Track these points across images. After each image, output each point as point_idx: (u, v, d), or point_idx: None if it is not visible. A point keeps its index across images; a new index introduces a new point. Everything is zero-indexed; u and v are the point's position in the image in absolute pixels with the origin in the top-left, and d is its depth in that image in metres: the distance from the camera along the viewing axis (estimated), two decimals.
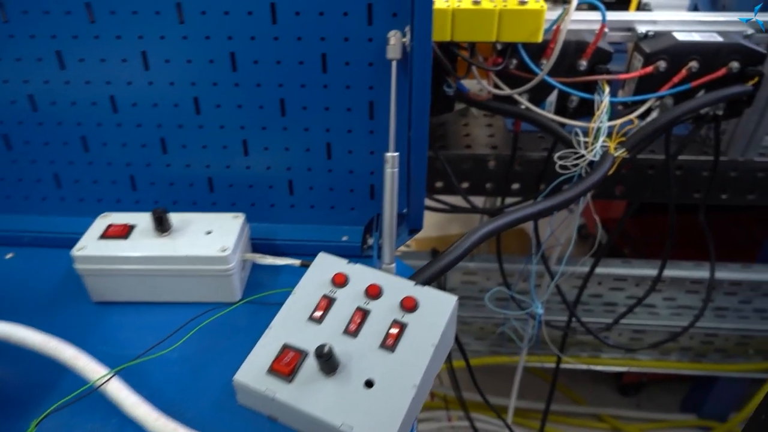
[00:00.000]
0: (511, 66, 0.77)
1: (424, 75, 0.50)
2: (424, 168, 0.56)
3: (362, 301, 0.47)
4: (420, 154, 0.55)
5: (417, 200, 0.59)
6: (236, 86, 0.56)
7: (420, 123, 0.53)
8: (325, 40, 0.53)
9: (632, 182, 0.97)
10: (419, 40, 0.49)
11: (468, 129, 1.03)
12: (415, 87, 0.51)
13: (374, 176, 0.60)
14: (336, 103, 0.56)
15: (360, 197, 0.61)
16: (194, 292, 0.54)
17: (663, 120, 0.74)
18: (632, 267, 1.08)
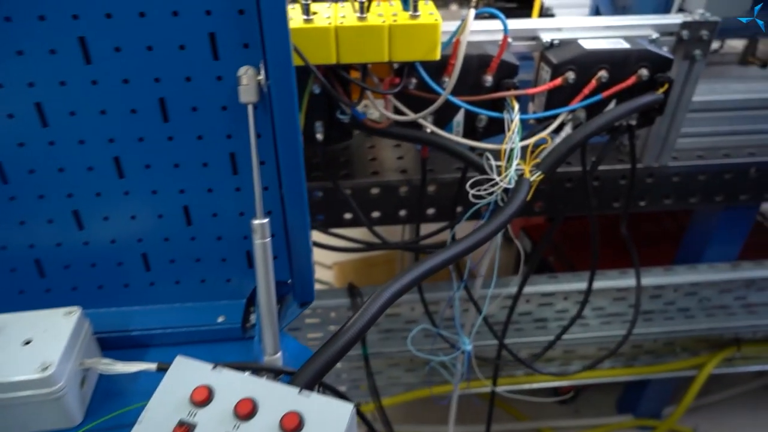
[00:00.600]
0: (410, 86, 0.68)
1: (289, 119, 0.40)
2: (306, 228, 0.46)
3: (231, 425, 0.36)
4: (298, 213, 0.45)
5: (302, 267, 0.48)
6: (51, 145, 0.43)
7: (292, 176, 0.43)
8: (161, 82, 0.41)
9: (551, 197, 0.92)
10: (277, 77, 0.38)
11: (375, 152, 0.94)
12: (281, 135, 0.40)
13: (249, 241, 0.49)
14: (187, 158, 0.44)
15: (236, 266, 0.50)
16: (17, 425, 0.41)
17: (577, 137, 0.68)
18: (559, 282, 1.04)
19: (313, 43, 0.60)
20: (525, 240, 1.42)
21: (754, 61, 1.06)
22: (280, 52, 0.37)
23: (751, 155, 0.92)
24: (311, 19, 0.60)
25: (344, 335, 0.45)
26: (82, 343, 0.44)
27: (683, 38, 0.76)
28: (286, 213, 0.44)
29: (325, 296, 1.02)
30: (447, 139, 0.70)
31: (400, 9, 0.63)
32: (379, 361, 1.12)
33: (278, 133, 0.40)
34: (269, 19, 0.35)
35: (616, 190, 0.92)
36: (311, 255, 0.48)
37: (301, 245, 0.46)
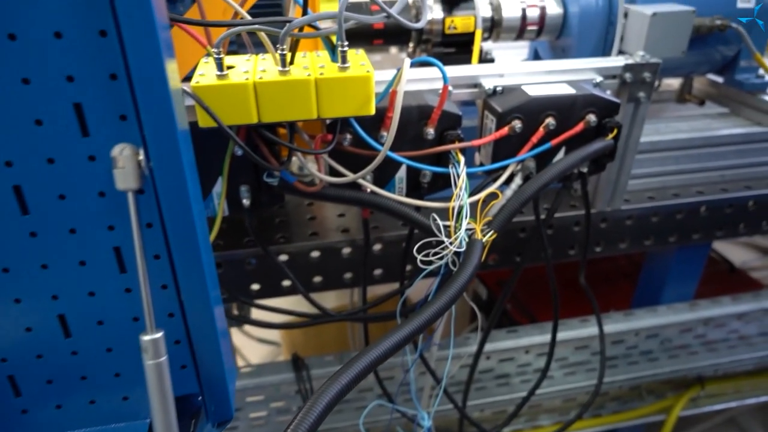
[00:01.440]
0: (345, 143, 0.61)
1: (180, 204, 0.31)
2: (215, 332, 0.37)
3: None
4: (202, 314, 0.36)
5: (214, 380, 0.39)
6: None
7: (191, 272, 0.34)
8: (14, 166, 0.32)
9: (504, 249, 0.86)
10: (160, 154, 0.30)
11: (314, 210, 0.86)
12: (171, 223, 0.32)
13: None
14: (58, 257, 0.35)
15: (132, 381, 0.40)
16: None
17: (529, 191, 0.63)
18: (520, 336, 0.98)
19: (229, 101, 0.52)
20: (480, 287, 1.36)
21: (691, 99, 1.07)
22: (160, 122, 0.29)
23: (699, 194, 0.90)
24: (226, 75, 0.52)
25: None
26: None
27: (626, 81, 0.73)
28: (187, 316, 0.35)
29: (267, 371, 0.92)
30: (389, 199, 0.63)
31: (328, 60, 0.57)
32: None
33: (168, 221, 0.32)
34: (141, 81, 0.27)
35: (571, 237, 0.87)
36: (225, 365, 0.39)
37: (210, 354, 0.37)
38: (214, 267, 0.38)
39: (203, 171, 0.62)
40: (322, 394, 0.43)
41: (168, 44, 0.31)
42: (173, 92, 0.31)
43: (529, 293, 1.27)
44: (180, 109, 0.33)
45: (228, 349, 0.40)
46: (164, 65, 0.28)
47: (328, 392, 0.43)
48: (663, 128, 0.92)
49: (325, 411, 0.42)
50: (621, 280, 1.33)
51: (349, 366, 0.46)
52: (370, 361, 0.47)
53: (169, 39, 0.32)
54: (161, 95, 0.28)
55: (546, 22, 0.90)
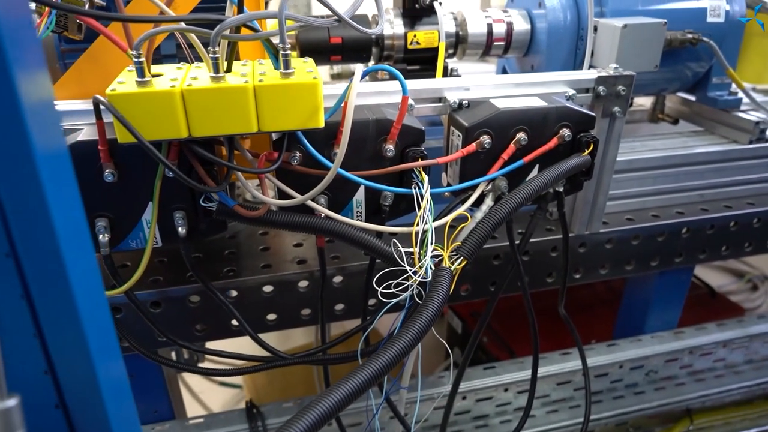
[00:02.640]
0: (293, 161, 0.54)
1: (36, 225, 0.23)
2: (97, 392, 0.29)
3: None
4: (80, 373, 0.27)
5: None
6: None
7: (58, 311, 0.26)
8: None
9: (477, 278, 0.79)
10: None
11: (267, 240, 0.78)
12: (23, 251, 0.24)
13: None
14: None
15: None
16: None
17: (501, 212, 0.56)
18: (497, 373, 0.90)
19: (153, 112, 0.45)
20: (454, 319, 1.28)
21: (664, 118, 1.04)
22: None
23: (679, 214, 0.86)
24: (148, 82, 0.45)
25: None
26: None
27: (600, 94, 0.68)
28: (57, 373, 0.27)
29: (219, 423, 0.81)
30: (344, 224, 0.56)
31: (271, 68, 0.50)
32: None
33: (20, 250, 0.24)
34: None
35: (549, 264, 0.81)
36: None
37: (93, 424, 0.29)
38: (107, 309, 0.30)
39: (131, 195, 0.54)
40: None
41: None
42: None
43: (507, 325, 1.20)
44: (44, 125, 0.25)
45: (130, 417, 0.32)
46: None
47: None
48: (639, 146, 0.88)
49: None
50: (601, 307, 1.27)
51: (297, 419, 0.38)
52: (322, 413, 0.39)
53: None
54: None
55: (513, 38, 0.86)
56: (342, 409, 0.42)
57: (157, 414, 0.80)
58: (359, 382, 0.42)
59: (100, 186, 0.51)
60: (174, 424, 0.79)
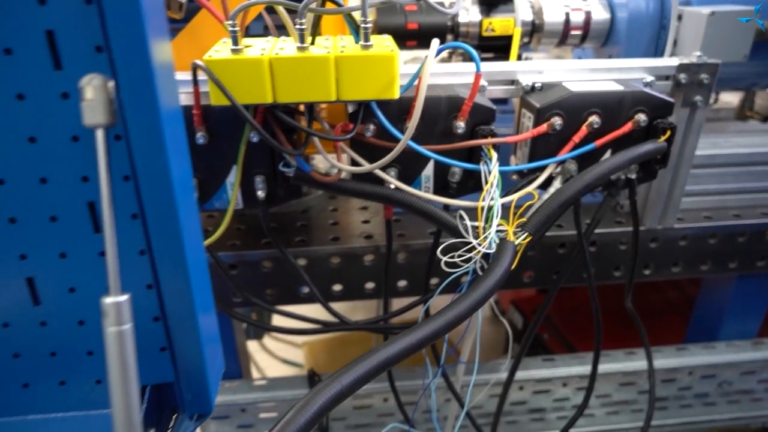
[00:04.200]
0: (367, 133, 0.57)
1: (153, 148, 0.27)
2: (193, 310, 0.32)
3: None
4: (179, 286, 0.31)
5: (192, 366, 0.34)
6: None
7: (167, 233, 0.30)
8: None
9: (541, 266, 0.79)
10: (133, 89, 0.26)
11: (337, 216, 0.81)
12: (143, 169, 0.28)
13: None
14: (27, 210, 0.31)
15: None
16: None
17: (569, 192, 0.56)
18: (557, 366, 0.89)
19: (243, 78, 0.49)
20: (515, 315, 1.27)
21: (753, 116, 0.98)
22: (131, 45, 0.25)
23: (764, 215, 0.81)
24: (241, 50, 0.49)
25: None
26: None
27: (681, 82, 0.66)
28: (161, 287, 0.31)
29: (282, 386, 0.86)
30: (413, 195, 0.58)
31: (351, 42, 0.53)
32: None
33: (140, 170, 0.28)
34: (113, 6, 0.24)
35: (616, 257, 0.79)
36: (204, 349, 0.34)
37: (187, 334, 0.33)
38: (200, 236, 0.34)
39: (218, 158, 0.59)
40: (316, 394, 0.37)
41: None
42: (158, 62, 0.27)
43: (569, 323, 1.18)
44: (166, 81, 0.29)
45: (212, 334, 0.35)
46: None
47: (324, 393, 0.37)
48: (722, 142, 0.84)
49: (320, 413, 0.36)
50: (672, 315, 1.21)
51: (353, 366, 0.41)
52: (378, 363, 0.41)
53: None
54: (135, 22, 0.25)
55: (591, 27, 0.84)
56: (397, 362, 0.44)
57: (227, 372, 0.85)
58: (420, 336, 0.44)
59: (192, 149, 0.56)
60: (242, 383, 0.84)
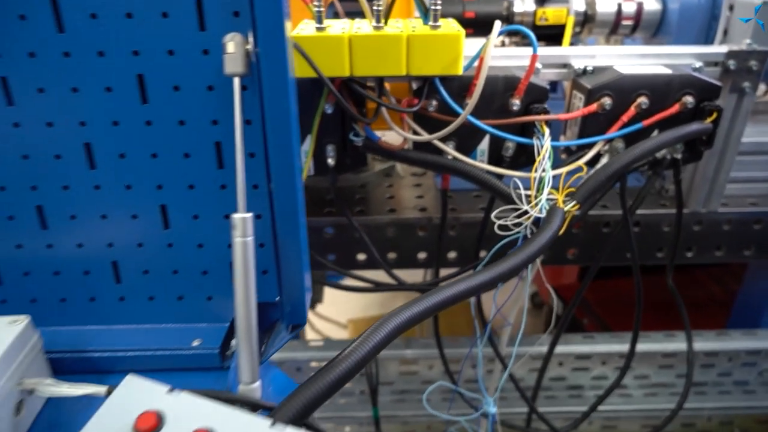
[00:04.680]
0: (430, 108, 0.63)
1: (280, 96, 0.34)
2: (299, 236, 0.39)
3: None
4: (289, 213, 0.38)
5: (294, 283, 0.41)
6: (16, 127, 0.38)
7: (284, 166, 0.36)
8: (141, 55, 0.36)
9: (585, 243, 0.83)
10: (268, 45, 0.33)
11: (393, 191, 0.88)
12: (271, 113, 0.34)
13: None
14: (167, 147, 0.38)
15: (217, 281, 0.43)
16: None
17: (617, 164, 0.61)
18: (595, 343, 0.92)
19: (325, 53, 0.56)
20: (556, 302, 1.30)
21: None
22: (271, 14, 0.32)
23: None
24: (324, 28, 0.56)
25: (337, 367, 0.37)
26: (24, 358, 0.37)
27: (730, 68, 0.69)
28: (276, 215, 0.38)
29: (335, 346, 0.93)
30: (470, 165, 0.63)
31: (420, 24, 0.59)
32: (392, 427, 1.00)
33: (268, 115, 0.34)
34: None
35: (660, 238, 0.83)
36: (306, 269, 0.40)
37: (292, 256, 0.39)
38: (301, 176, 0.40)
39: None
40: (390, 318, 0.43)
41: None
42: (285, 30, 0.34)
43: (608, 311, 1.20)
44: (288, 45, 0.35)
45: (307, 261, 0.42)
46: None
47: (398, 317, 0.43)
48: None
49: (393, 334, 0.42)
50: (714, 308, 1.22)
51: (422, 299, 0.46)
52: (445, 297, 0.46)
53: None
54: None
55: (642, 18, 0.87)
56: (452, 303, 0.49)
57: None
58: (474, 283, 0.49)
59: None
60: (298, 342, 0.91)
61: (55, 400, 0.39)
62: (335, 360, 0.36)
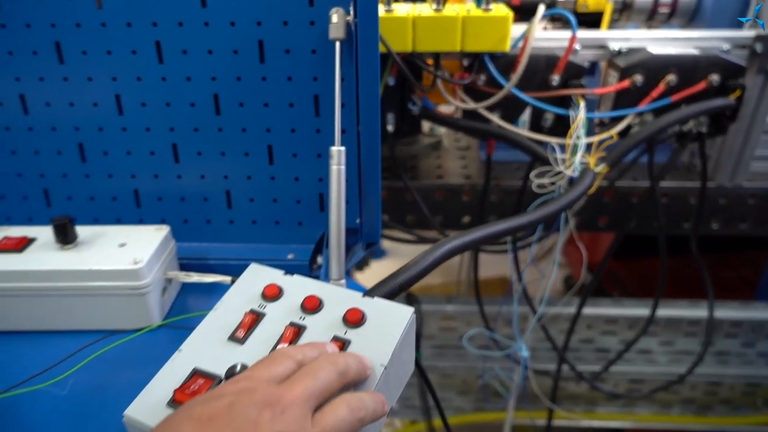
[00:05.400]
0: (479, 82, 0.72)
1: (371, 58, 0.44)
2: (377, 170, 0.49)
3: (297, 316, 0.38)
4: (372, 153, 0.48)
5: (371, 209, 0.51)
6: (163, 80, 0.49)
7: (370, 115, 0.46)
8: (262, 25, 0.47)
9: (616, 212, 0.90)
10: (364, 17, 0.43)
11: (440, 161, 0.97)
12: (363, 72, 0.44)
13: (323, 184, 0.53)
14: (276, 98, 0.49)
15: (308, 209, 0.54)
16: (103, 317, 0.45)
17: (646, 132, 0.69)
18: (623, 306, 1.00)
19: (391, 31, 0.66)
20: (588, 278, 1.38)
21: None
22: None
23: None
24: (392, 10, 0.66)
25: (415, 266, 0.46)
26: (167, 256, 0.48)
27: (757, 51, 0.76)
28: (361, 153, 0.48)
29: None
30: (513, 131, 0.72)
31: (474, 7, 0.69)
32: (431, 378, 1.10)
33: (361, 69, 0.45)
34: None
35: (686, 210, 0.89)
36: (379, 197, 0.51)
37: (371, 184, 0.50)
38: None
39: None
40: (449, 240, 0.52)
41: None
42: None
43: (639, 286, 1.27)
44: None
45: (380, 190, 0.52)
46: None
47: (456, 240, 0.51)
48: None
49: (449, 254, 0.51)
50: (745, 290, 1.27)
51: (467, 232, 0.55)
52: (491, 232, 0.55)
53: None
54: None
55: (679, 5, 0.94)
56: (497, 237, 0.58)
57: None
58: (516, 222, 0.58)
59: None
60: None
61: (185, 290, 0.50)
62: (410, 262, 0.46)
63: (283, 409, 0.28)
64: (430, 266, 0.46)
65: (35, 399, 0.39)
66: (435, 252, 0.49)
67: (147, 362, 0.39)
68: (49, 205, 0.55)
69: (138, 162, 0.53)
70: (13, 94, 0.51)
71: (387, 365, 0.35)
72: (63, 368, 0.41)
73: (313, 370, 0.31)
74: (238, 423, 0.27)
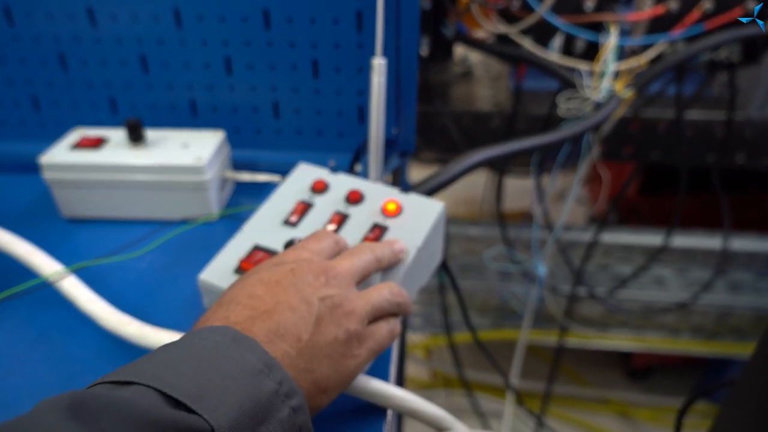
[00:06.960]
0: (513, 7, 0.74)
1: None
2: (414, 83, 0.53)
3: (341, 207, 0.44)
4: (410, 66, 0.52)
5: (407, 120, 0.55)
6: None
7: (409, 30, 0.50)
8: None
9: (640, 142, 0.93)
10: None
11: (471, 90, 1.00)
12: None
13: (363, 97, 0.57)
14: (322, 14, 0.53)
15: (348, 121, 0.58)
16: (169, 207, 0.52)
17: (675, 58, 0.70)
18: (639, 234, 1.04)
19: None
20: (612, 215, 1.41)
21: None
22: None
23: None
24: None
25: (448, 172, 0.50)
26: (224, 157, 0.54)
27: None
28: (400, 64, 0.52)
29: None
30: (542, 57, 0.75)
31: None
32: (451, 298, 1.18)
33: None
34: None
35: (711, 142, 0.91)
36: (415, 108, 0.55)
37: (408, 96, 0.54)
38: None
39: None
40: (480, 151, 0.56)
41: None
42: None
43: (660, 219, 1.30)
44: None
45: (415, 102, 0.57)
46: None
47: (486, 151, 0.56)
48: None
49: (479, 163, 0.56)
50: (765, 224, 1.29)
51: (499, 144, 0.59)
52: (519, 147, 0.59)
53: None
54: None
55: None
56: (521, 152, 0.62)
57: None
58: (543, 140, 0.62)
59: None
60: None
61: (238, 190, 0.57)
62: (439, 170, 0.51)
63: (335, 276, 0.34)
64: (461, 171, 0.50)
65: (121, 269, 0.46)
66: (467, 159, 0.53)
67: (209, 246, 0.45)
68: (115, 112, 0.61)
69: (194, 74, 0.58)
70: (81, 8, 0.55)
71: (420, 247, 0.41)
72: (140, 247, 0.48)
73: (356, 252, 0.37)
74: (299, 286, 0.33)
